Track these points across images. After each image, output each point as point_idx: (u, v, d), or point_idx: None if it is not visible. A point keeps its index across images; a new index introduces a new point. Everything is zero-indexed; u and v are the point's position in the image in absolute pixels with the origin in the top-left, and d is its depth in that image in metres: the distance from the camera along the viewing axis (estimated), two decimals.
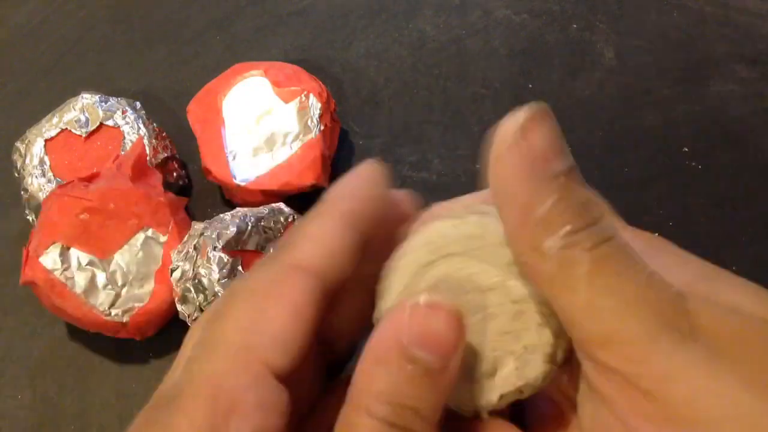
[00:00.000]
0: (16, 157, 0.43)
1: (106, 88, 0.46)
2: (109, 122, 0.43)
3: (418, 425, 0.18)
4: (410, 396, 0.18)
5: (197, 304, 0.36)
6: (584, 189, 0.18)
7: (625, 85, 0.47)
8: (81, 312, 0.38)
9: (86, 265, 0.38)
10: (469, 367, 0.19)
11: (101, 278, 0.38)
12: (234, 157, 0.42)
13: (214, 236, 0.36)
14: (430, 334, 0.18)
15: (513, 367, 0.19)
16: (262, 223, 0.38)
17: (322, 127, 0.42)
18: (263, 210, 0.38)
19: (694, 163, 0.44)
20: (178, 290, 0.37)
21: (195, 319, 0.36)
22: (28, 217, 0.43)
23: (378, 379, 0.18)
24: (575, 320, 0.17)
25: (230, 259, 0.36)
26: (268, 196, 0.41)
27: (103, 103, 0.44)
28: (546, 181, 0.18)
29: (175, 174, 0.44)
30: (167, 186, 0.42)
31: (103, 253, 0.38)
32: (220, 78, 0.44)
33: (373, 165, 0.21)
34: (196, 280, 0.36)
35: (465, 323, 0.18)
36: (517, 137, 0.18)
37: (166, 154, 0.44)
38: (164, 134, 0.45)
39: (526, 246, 0.18)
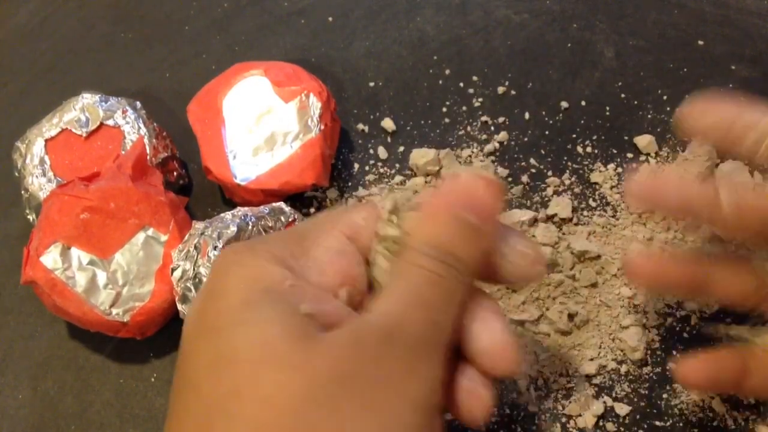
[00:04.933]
0: (16, 156, 0.43)
1: (106, 88, 0.46)
2: (110, 122, 0.43)
3: (459, 267, 0.22)
4: (453, 244, 0.22)
5: None
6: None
7: (625, 85, 0.47)
8: (81, 311, 0.38)
9: (87, 264, 0.38)
10: None
11: (102, 278, 0.38)
12: (234, 157, 0.42)
13: (214, 236, 0.36)
14: (473, 199, 0.22)
15: None
16: (263, 223, 0.38)
17: (322, 127, 0.42)
18: (264, 209, 0.38)
19: None
20: (178, 290, 0.37)
21: None
22: (28, 217, 0.43)
23: (429, 229, 0.23)
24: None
25: None
26: (269, 195, 0.41)
27: (103, 103, 0.44)
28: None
29: (175, 174, 0.44)
30: (167, 185, 0.42)
31: (103, 252, 0.38)
32: (220, 78, 0.44)
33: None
34: (197, 280, 0.36)
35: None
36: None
37: (166, 154, 0.44)
38: (164, 134, 0.45)
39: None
